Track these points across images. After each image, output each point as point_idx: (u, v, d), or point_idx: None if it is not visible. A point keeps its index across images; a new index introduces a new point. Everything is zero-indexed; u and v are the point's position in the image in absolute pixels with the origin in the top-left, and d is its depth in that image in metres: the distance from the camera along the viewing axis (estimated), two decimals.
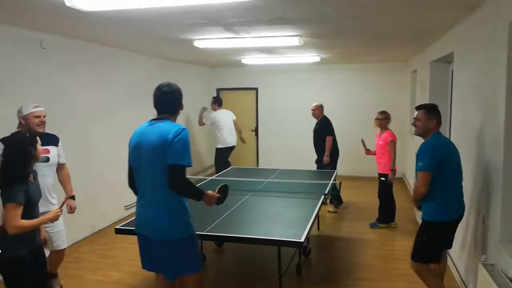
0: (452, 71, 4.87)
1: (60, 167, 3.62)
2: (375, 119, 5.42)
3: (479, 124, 3.31)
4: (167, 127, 2.48)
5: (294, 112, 8.89)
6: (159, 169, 2.44)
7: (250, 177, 5.19)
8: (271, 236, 3.11)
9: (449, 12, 3.59)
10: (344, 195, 6.32)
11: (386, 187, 5.30)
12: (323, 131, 6.06)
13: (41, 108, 3.33)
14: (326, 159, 5.93)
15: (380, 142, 5.26)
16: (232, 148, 7.39)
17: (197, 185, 5.01)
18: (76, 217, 4.11)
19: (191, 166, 2.47)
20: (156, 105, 2.62)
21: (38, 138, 2.64)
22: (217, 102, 7.46)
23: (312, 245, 4.61)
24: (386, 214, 5.38)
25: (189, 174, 7.11)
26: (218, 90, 9.49)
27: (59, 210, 2.70)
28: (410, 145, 7.51)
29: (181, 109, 2.71)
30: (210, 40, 4.93)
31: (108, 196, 5.48)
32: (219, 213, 3.60)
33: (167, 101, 2.62)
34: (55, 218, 2.67)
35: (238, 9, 3.36)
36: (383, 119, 5.31)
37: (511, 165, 2.70)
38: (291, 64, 8.11)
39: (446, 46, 4.64)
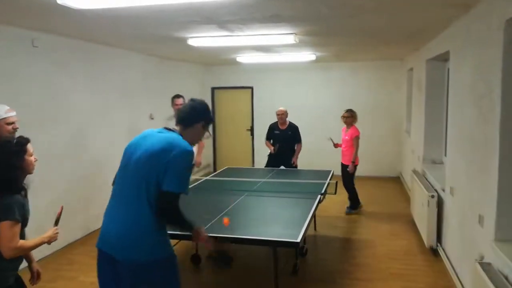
0: (448, 69, 4.87)
1: None
2: (341, 116, 6.03)
3: (474, 123, 3.29)
4: (174, 141, 2.17)
5: (289, 111, 8.85)
6: (145, 182, 2.11)
7: (245, 177, 5.16)
8: (267, 237, 3.08)
9: (444, 11, 3.57)
10: (341, 194, 6.30)
11: (350, 176, 5.92)
12: (298, 138, 6.28)
13: (15, 113, 2.86)
14: (296, 161, 6.27)
15: (346, 137, 5.91)
16: None
17: (191, 185, 4.99)
18: (69, 218, 4.07)
19: (186, 194, 2.19)
20: (176, 117, 2.39)
21: (29, 146, 2.23)
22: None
23: (308, 245, 4.59)
24: (355, 200, 6.07)
25: None
26: (213, 89, 9.45)
27: (56, 228, 2.30)
28: (406, 143, 7.51)
29: (203, 126, 2.35)
30: (205, 38, 4.89)
31: (102, 196, 5.42)
32: (214, 214, 3.56)
33: (185, 113, 2.34)
34: (54, 238, 2.26)
35: (232, 6, 3.32)
36: (349, 117, 5.93)
37: (507, 163, 2.69)
38: (286, 63, 8.09)
39: (442, 44, 4.63)
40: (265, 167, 6.35)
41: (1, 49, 3.99)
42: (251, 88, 9.22)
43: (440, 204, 4.39)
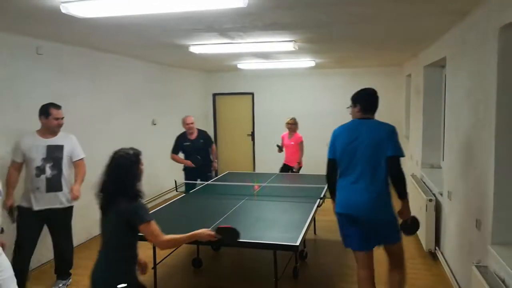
0: (445, 75, 4.92)
1: None
2: (287, 123, 6.36)
3: (471, 128, 3.35)
4: (383, 125, 3.05)
5: (290, 116, 8.93)
6: (380, 159, 2.92)
7: (246, 182, 5.21)
8: (267, 240, 3.13)
9: (441, 18, 3.64)
10: None
11: None
12: (210, 141, 5.91)
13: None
14: (216, 165, 6.03)
15: (292, 143, 6.30)
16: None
17: (193, 190, 5.03)
18: (72, 222, 4.12)
19: (403, 156, 2.99)
20: (363, 106, 3.14)
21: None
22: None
23: (308, 249, 4.62)
24: None
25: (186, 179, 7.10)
26: (215, 94, 9.53)
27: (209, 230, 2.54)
28: (405, 148, 7.55)
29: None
30: (206, 46, 4.96)
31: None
32: (215, 218, 3.61)
33: (372, 103, 3.18)
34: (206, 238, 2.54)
35: (233, 15, 3.39)
36: (293, 124, 6.35)
37: (502, 168, 2.73)
38: (286, 69, 8.15)
39: (439, 51, 4.69)
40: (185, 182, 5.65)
41: (6, 56, 4.06)
42: (252, 94, 9.29)
43: (438, 208, 4.43)
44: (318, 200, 4.16)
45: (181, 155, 5.78)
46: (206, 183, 5.37)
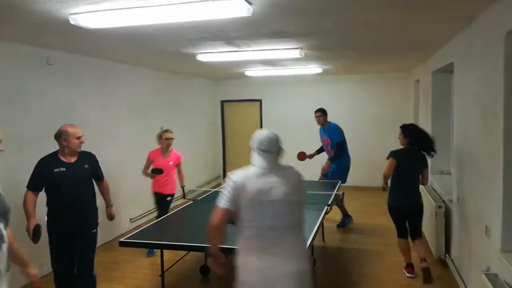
0: (453, 80, 4.89)
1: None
2: (165, 138, 5.12)
3: (479, 134, 3.32)
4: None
5: (298, 123, 8.94)
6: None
7: None
8: None
9: (447, 24, 3.63)
10: (349, 205, 6.30)
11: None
12: (99, 173, 3.68)
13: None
14: (113, 211, 3.94)
15: (171, 163, 5.07)
16: None
17: (201, 197, 5.04)
18: None
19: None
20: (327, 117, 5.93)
21: None
22: None
23: (316, 256, 4.60)
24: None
25: (195, 186, 7.12)
26: (223, 102, 9.58)
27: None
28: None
29: None
30: (213, 54, 5.01)
31: (116, 209, 5.52)
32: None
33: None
34: None
35: (238, 24, 3.43)
36: (172, 139, 5.23)
37: (511, 174, 2.70)
38: (294, 76, 8.17)
39: (446, 56, 4.67)
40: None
41: (16, 66, 4.14)
42: (260, 100, 9.32)
43: (447, 215, 4.39)
44: (326, 207, 4.14)
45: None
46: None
